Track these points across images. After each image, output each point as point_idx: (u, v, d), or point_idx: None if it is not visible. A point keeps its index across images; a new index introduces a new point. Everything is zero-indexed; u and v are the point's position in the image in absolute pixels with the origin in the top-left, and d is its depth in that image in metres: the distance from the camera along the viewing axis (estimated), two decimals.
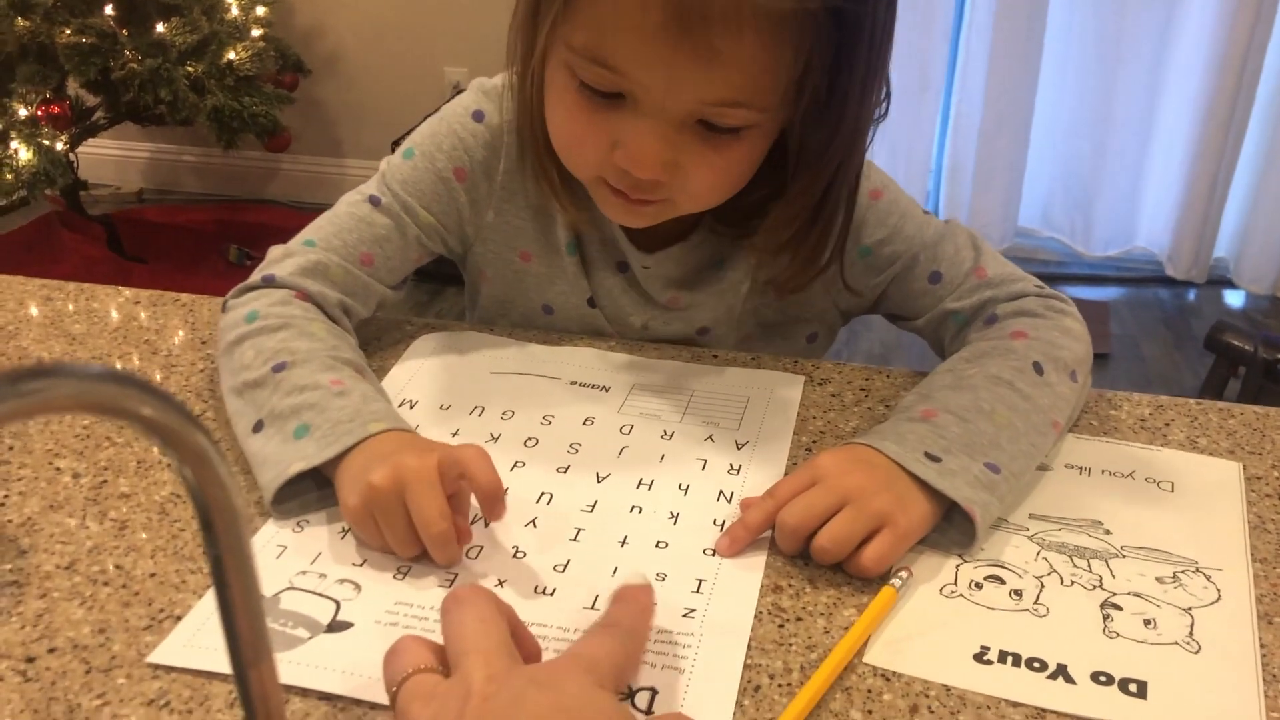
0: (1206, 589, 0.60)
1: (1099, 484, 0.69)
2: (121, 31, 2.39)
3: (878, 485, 0.62)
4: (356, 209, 0.82)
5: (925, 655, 0.56)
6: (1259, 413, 0.76)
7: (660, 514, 0.66)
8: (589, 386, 0.79)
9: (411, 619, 0.58)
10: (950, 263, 0.81)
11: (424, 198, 0.82)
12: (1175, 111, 2.68)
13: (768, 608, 0.59)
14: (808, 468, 0.65)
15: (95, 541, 0.63)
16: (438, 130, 0.83)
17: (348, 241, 0.80)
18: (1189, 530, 0.65)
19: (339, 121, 3.08)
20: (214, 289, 0.83)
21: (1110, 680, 0.55)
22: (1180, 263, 2.78)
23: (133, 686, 0.54)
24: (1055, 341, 0.74)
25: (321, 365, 0.70)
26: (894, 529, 0.61)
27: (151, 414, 0.26)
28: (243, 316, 0.75)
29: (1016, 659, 0.56)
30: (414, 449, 0.62)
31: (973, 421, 0.66)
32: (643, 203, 0.72)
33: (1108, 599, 0.60)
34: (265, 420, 0.68)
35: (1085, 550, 0.64)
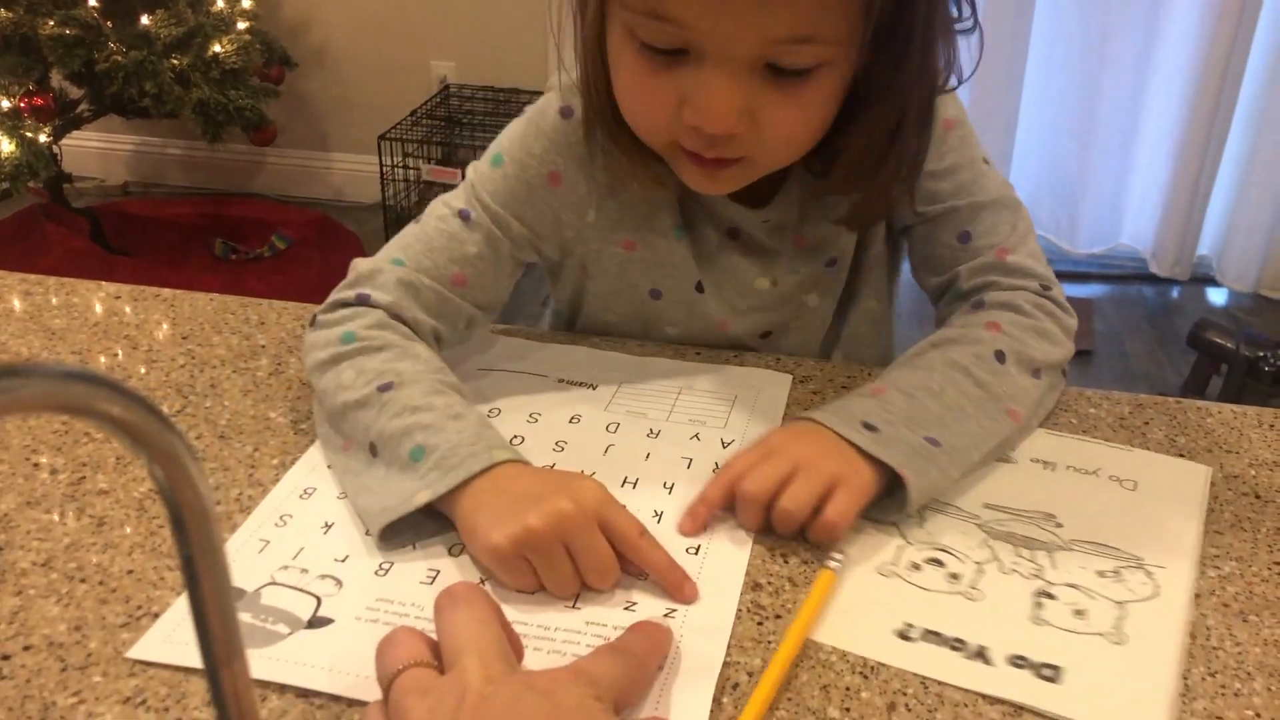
0: (1145, 585, 0.61)
1: (1061, 478, 0.70)
2: (105, 23, 2.37)
3: (825, 452, 0.64)
4: (446, 224, 0.77)
5: (848, 629, 0.57)
6: (1237, 411, 0.77)
7: (644, 512, 0.66)
8: (576, 384, 0.79)
9: (392, 615, 0.58)
10: (984, 232, 0.79)
11: (516, 207, 0.78)
12: (1160, 111, 2.69)
13: (747, 605, 0.59)
14: (759, 444, 0.66)
15: (73, 538, 0.63)
16: (526, 133, 0.79)
17: (438, 262, 0.76)
18: (1141, 528, 0.65)
19: (326, 115, 3.06)
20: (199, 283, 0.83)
21: (1026, 664, 0.56)
22: (1164, 260, 2.80)
23: (109, 684, 0.54)
24: (1025, 340, 0.74)
25: (431, 388, 0.67)
26: (848, 486, 0.63)
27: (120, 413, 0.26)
28: (338, 336, 0.71)
29: (939, 638, 0.57)
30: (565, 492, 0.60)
31: (918, 398, 0.68)
32: (721, 164, 0.69)
33: (1043, 588, 0.61)
34: (377, 444, 0.65)
35: (1031, 541, 0.64)
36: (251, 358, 0.81)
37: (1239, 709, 0.53)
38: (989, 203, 0.80)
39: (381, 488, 0.64)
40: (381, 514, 0.62)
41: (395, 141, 2.72)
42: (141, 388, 0.77)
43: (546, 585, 0.59)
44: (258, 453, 0.71)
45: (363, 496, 0.64)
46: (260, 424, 0.74)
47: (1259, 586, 0.61)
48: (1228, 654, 0.56)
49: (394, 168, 2.73)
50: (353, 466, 0.66)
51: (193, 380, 0.78)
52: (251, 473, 0.69)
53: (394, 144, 2.72)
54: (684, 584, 0.59)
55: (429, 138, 2.76)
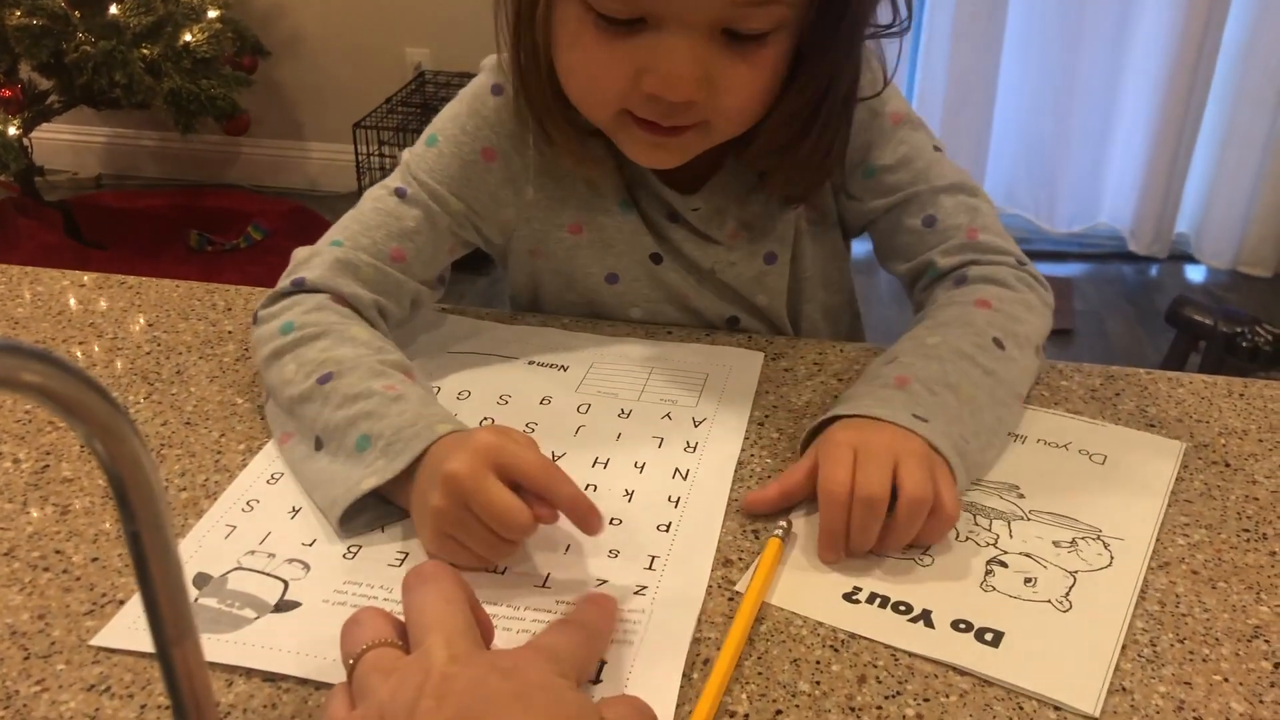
0: (1100, 555, 0.61)
1: (1030, 451, 0.70)
2: (74, 13, 2.34)
3: (903, 438, 0.62)
4: (382, 203, 0.77)
5: (796, 591, 0.58)
6: (1207, 382, 0.77)
7: (615, 491, 0.66)
8: (547, 366, 0.78)
9: (360, 598, 0.57)
10: (947, 213, 0.80)
11: (453, 183, 0.78)
12: (1136, 89, 2.69)
13: (717, 581, 0.59)
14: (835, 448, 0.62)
15: (36, 527, 0.62)
16: (459, 112, 0.79)
17: (376, 239, 0.76)
18: (1105, 501, 0.65)
19: (299, 104, 3.04)
20: (175, 275, 0.82)
21: (969, 628, 0.56)
22: (1143, 238, 2.80)
23: (72, 672, 0.53)
24: (1017, 315, 0.74)
25: (369, 372, 0.66)
26: (943, 472, 0.61)
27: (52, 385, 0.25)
28: (277, 329, 0.70)
29: (885, 601, 0.58)
30: (456, 454, 0.58)
31: (940, 394, 0.66)
32: (674, 133, 0.70)
33: (996, 556, 0.61)
34: (323, 437, 0.65)
35: (990, 510, 0.64)
36: (218, 344, 0.80)
37: (1207, 674, 0.53)
38: (947, 186, 0.80)
39: (330, 479, 0.63)
40: (332, 506, 0.62)
41: (371, 129, 2.70)
42: (107, 375, 0.77)
43: (482, 554, 0.58)
44: (224, 438, 0.70)
45: (316, 492, 0.64)
46: (227, 410, 0.73)
47: (1228, 554, 0.61)
48: (1196, 620, 0.57)
49: (370, 156, 2.71)
50: (302, 458, 0.66)
51: (159, 367, 0.77)
52: (218, 458, 0.68)
53: (369, 132, 2.70)
54: (589, 516, 0.57)
55: (405, 125, 2.74)
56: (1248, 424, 0.73)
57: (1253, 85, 2.63)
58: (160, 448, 0.69)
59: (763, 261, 0.84)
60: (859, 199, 0.83)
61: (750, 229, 0.83)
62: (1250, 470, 0.68)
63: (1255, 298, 2.67)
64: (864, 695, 0.52)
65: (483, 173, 0.79)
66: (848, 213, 0.85)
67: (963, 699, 0.52)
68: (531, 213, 0.82)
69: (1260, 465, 0.69)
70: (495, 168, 0.79)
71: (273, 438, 0.69)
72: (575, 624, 0.50)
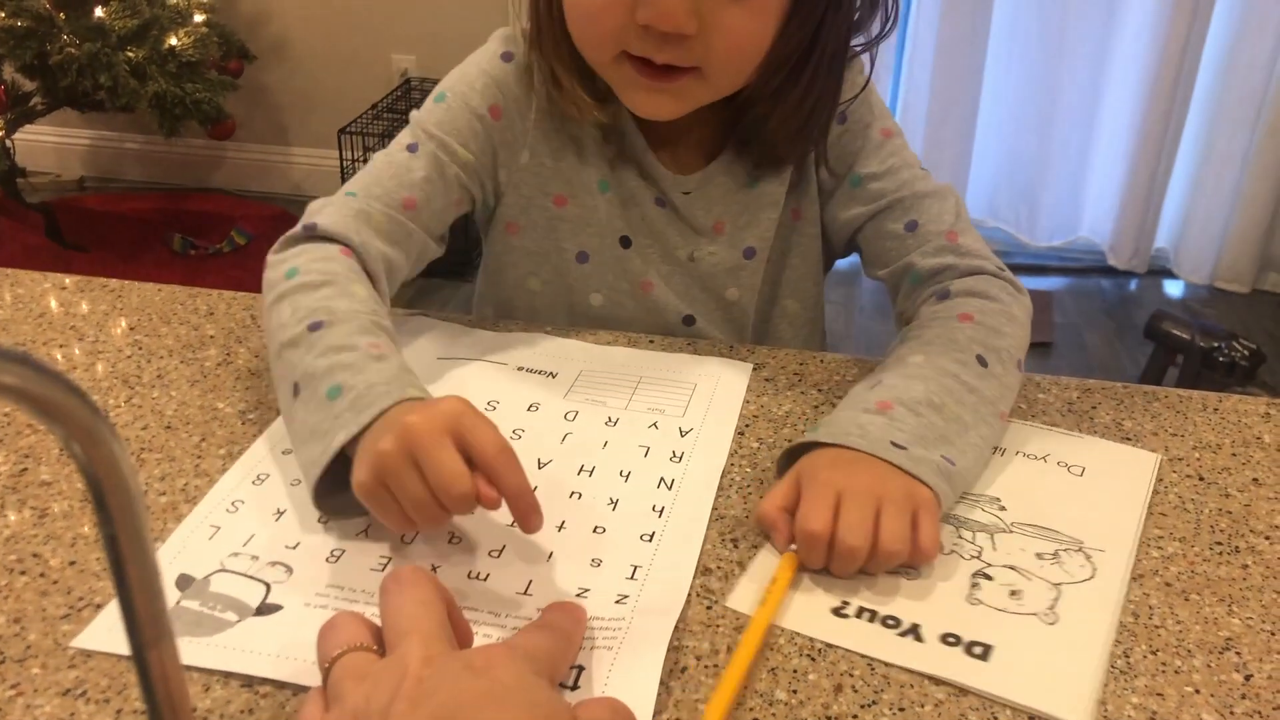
0: (1083, 567, 0.62)
1: (1010, 464, 0.70)
2: (58, 15, 2.33)
3: (883, 477, 0.62)
4: (393, 157, 0.80)
5: (788, 606, 0.58)
6: (1182, 395, 0.78)
7: (599, 500, 0.66)
8: (536, 373, 0.79)
9: (342, 602, 0.57)
10: (930, 218, 0.82)
11: (460, 135, 0.81)
12: (1117, 105, 2.72)
13: (697, 590, 0.59)
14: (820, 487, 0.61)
15: (13, 530, 0.62)
16: (468, 73, 0.83)
17: (388, 188, 0.78)
18: (1085, 513, 0.66)
19: (285, 108, 3.03)
20: (157, 279, 0.82)
21: (957, 642, 0.56)
22: (1122, 253, 2.83)
23: (48, 676, 0.53)
24: (999, 328, 0.74)
25: (360, 327, 0.67)
26: (926, 507, 0.61)
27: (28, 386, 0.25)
28: (284, 273, 0.71)
29: (873, 615, 0.58)
30: (419, 409, 0.58)
31: (924, 415, 0.66)
32: (669, 76, 0.72)
33: (981, 569, 0.61)
34: (300, 383, 0.64)
35: (973, 523, 0.65)
36: (200, 348, 0.80)
37: (1179, 685, 0.54)
38: (930, 192, 0.83)
39: (305, 433, 0.63)
40: (310, 466, 0.61)
41: (356, 135, 2.70)
42: (87, 379, 0.76)
43: (405, 509, 0.57)
44: (204, 443, 0.70)
45: (297, 450, 0.64)
46: (207, 414, 0.73)
47: (1200, 566, 0.62)
48: (1169, 632, 0.57)
49: (354, 162, 2.70)
50: (284, 409, 0.66)
51: (140, 371, 0.77)
52: (198, 463, 0.68)
53: (354, 138, 2.69)
54: (530, 514, 0.57)
55: (390, 132, 2.74)
56: (1221, 438, 0.73)
57: (1231, 103, 2.66)
58: (140, 452, 0.69)
59: (742, 255, 0.86)
60: (845, 207, 0.85)
61: (734, 223, 0.85)
62: (1223, 484, 0.69)
63: (1232, 313, 2.70)
64: (840, 704, 0.52)
65: (489, 128, 0.82)
66: (834, 222, 0.87)
67: (938, 709, 0.52)
68: (522, 178, 0.85)
69: (1233, 479, 0.69)
70: (499, 126, 0.83)
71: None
72: (546, 626, 0.51)
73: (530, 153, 0.84)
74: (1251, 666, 0.55)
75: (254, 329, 0.83)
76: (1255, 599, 0.60)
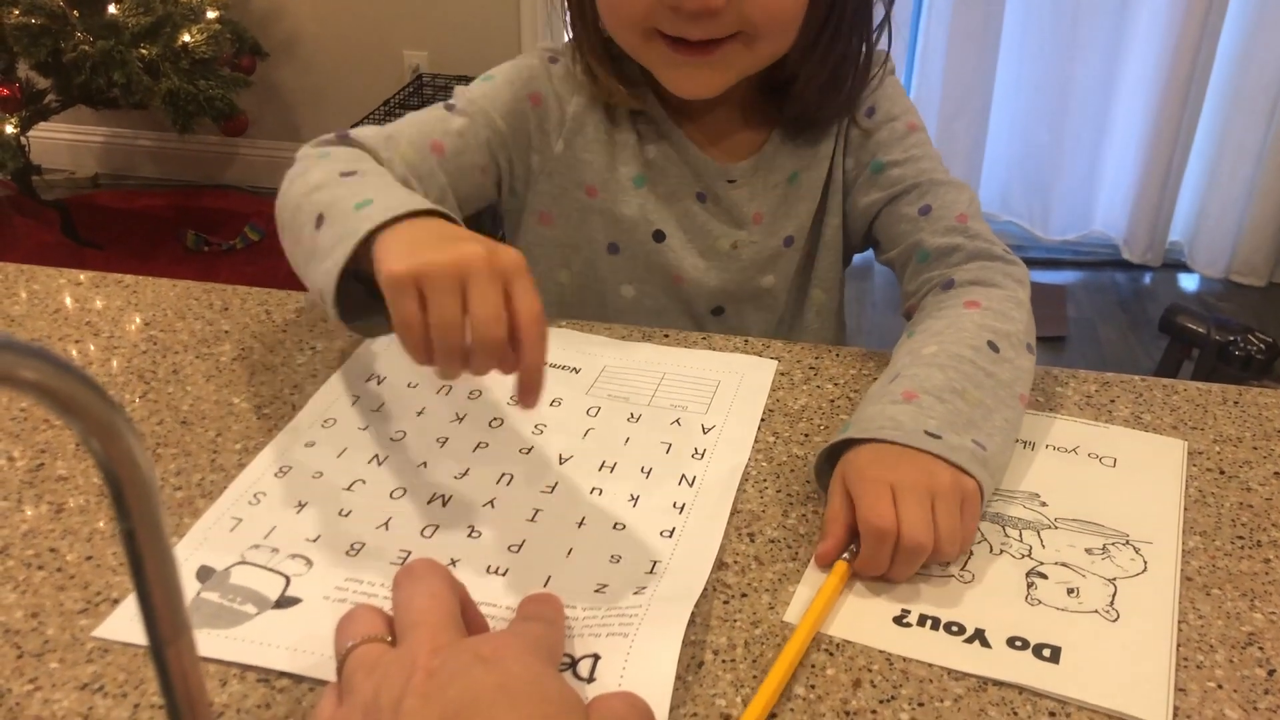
0: (1134, 560, 0.61)
1: (1042, 458, 0.70)
2: (72, 13, 2.34)
3: (930, 470, 0.61)
4: (432, 111, 0.83)
5: (846, 617, 0.57)
6: (1201, 389, 0.77)
7: (620, 496, 0.65)
8: (560, 367, 0.78)
9: (361, 595, 0.57)
10: (943, 205, 0.83)
11: (500, 108, 0.84)
12: (1131, 97, 2.70)
13: (713, 584, 0.59)
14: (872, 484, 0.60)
15: (30, 525, 0.62)
16: (516, 63, 0.86)
17: (421, 130, 0.81)
18: (1125, 504, 0.65)
19: (297, 105, 3.04)
20: (171, 275, 0.82)
21: (1025, 645, 0.55)
22: (1136, 246, 2.81)
23: (66, 671, 0.53)
24: (1006, 313, 0.74)
25: (392, 182, 0.70)
26: (971, 499, 0.61)
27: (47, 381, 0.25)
28: (316, 154, 0.74)
29: (936, 622, 0.57)
30: (482, 243, 0.55)
31: (949, 401, 0.65)
32: (707, 50, 0.73)
33: (1034, 568, 0.61)
34: (325, 213, 0.63)
35: (1018, 521, 0.64)
36: (215, 343, 0.80)
37: (1201, 680, 0.53)
38: (947, 181, 0.84)
39: (326, 243, 0.61)
40: (326, 275, 0.60)
41: None
42: (103, 374, 0.76)
43: (431, 325, 0.54)
44: (220, 438, 0.70)
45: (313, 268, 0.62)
46: (223, 409, 0.73)
47: (1222, 560, 0.61)
48: (1191, 627, 0.57)
49: None
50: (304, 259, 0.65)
51: (155, 366, 0.77)
52: (214, 458, 0.68)
53: None
54: (533, 391, 0.54)
55: None
56: (1242, 431, 0.73)
57: (1247, 95, 2.64)
58: (156, 447, 0.69)
59: (782, 244, 0.88)
60: (866, 193, 0.86)
61: (774, 213, 0.87)
62: (1244, 478, 0.68)
63: (1248, 306, 2.68)
64: (859, 699, 0.52)
65: (527, 111, 0.85)
66: (854, 209, 0.88)
67: (957, 703, 0.52)
68: (555, 167, 0.87)
69: (1254, 473, 0.69)
70: (538, 112, 0.85)
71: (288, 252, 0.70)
72: (533, 618, 0.50)
73: (565, 143, 0.86)
74: (1275, 662, 0.55)
75: (269, 324, 0.83)
76: (1278, 594, 0.59)
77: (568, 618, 0.55)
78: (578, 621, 0.55)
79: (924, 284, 0.80)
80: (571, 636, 0.54)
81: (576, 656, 0.53)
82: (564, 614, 0.53)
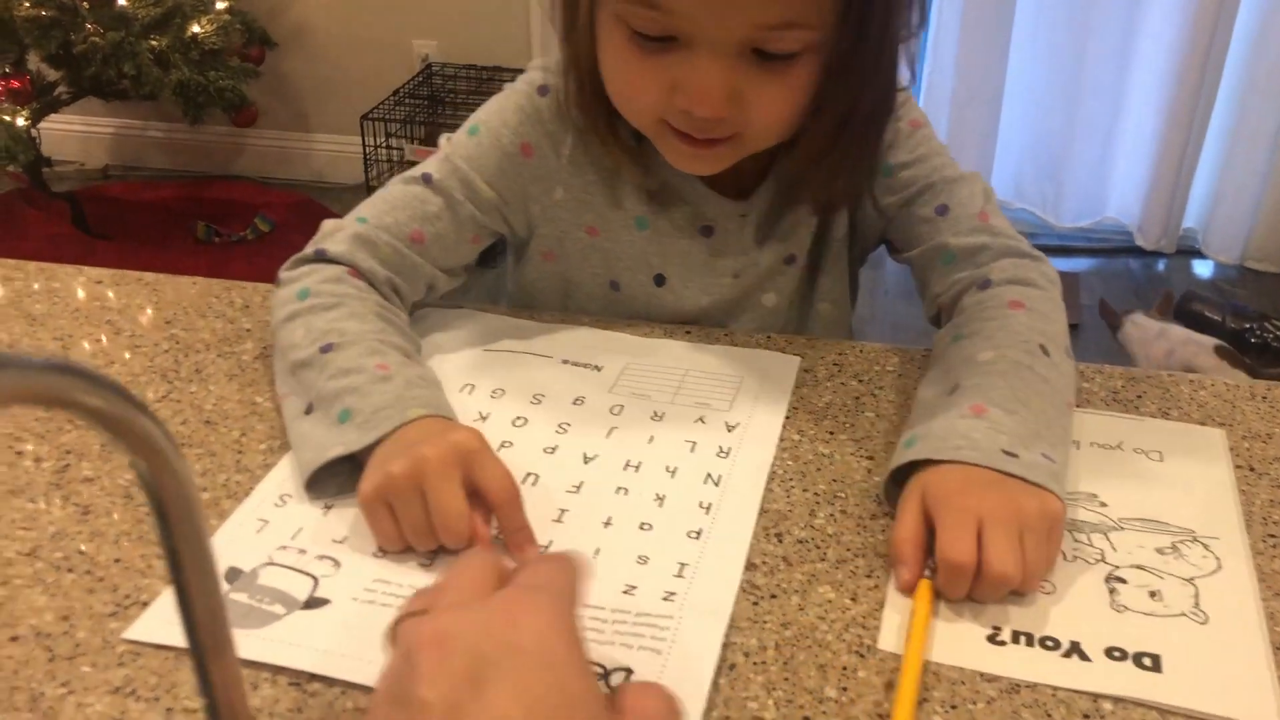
0: (1206, 558, 0.61)
1: (1090, 457, 0.69)
2: (82, 4, 2.34)
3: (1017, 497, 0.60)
4: (410, 187, 0.80)
5: (940, 640, 0.56)
6: (1229, 384, 0.77)
7: (646, 496, 0.65)
8: (581, 365, 0.78)
9: (389, 597, 0.57)
10: (959, 202, 0.81)
11: (487, 172, 0.81)
12: (1144, 83, 2.68)
13: (742, 585, 0.59)
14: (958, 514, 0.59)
15: (58, 527, 0.62)
16: (504, 106, 0.82)
17: (398, 219, 0.79)
18: (1182, 500, 0.65)
19: (306, 95, 3.03)
20: (182, 266, 0.82)
21: (1124, 655, 0.54)
22: (1150, 233, 2.80)
23: (98, 674, 0.53)
24: (1049, 315, 0.73)
25: (368, 349, 0.69)
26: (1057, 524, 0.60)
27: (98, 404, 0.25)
28: (295, 293, 0.74)
29: (1030, 639, 0.56)
30: (435, 440, 0.61)
31: (1018, 413, 0.64)
32: (710, 145, 0.72)
33: (1111, 572, 0.60)
34: (314, 403, 0.67)
35: (1085, 524, 0.63)
36: (236, 342, 0.80)
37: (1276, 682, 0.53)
38: (959, 177, 0.83)
39: (307, 443, 0.66)
40: (304, 468, 0.65)
41: (378, 121, 2.69)
42: (125, 374, 0.76)
43: (404, 532, 0.60)
44: (244, 438, 0.70)
45: (296, 452, 0.67)
46: (246, 409, 0.73)
47: (1254, 559, 0.61)
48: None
49: (377, 148, 2.70)
50: (293, 418, 0.69)
51: (177, 365, 0.77)
52: (239, 458, 0.68)
53: (377, 124, 2.69)
54: (525, 548, 0.60)
55: (412, 117, 2.73)
56: (1271, 427, 0.72)
57: (1262, 79, 2.61)
58: (180, 447, 0.69)
59: (782, 261, 0.86)
60: (877, 198, 0.84)
61: (778, 232, 0.85)
62: (1275, 475, 0.68)
63: (1263, 293, 2.67)
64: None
65: (519, 166, 0.82)
66: (865, 216, 0.86)
67: (990, 706, 0.52)
68: (557, 212, 0.84)
69: None
70: (531, 163, 0.82)
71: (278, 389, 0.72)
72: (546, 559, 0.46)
73: (564, 188, 0.83)
74: None
75: None
76: None
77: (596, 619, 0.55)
78: (607, 625, 0.55)
79: (954, 285, 0.79)
80: (601, 642, 0.54)
81: (609, 668, 0.53)
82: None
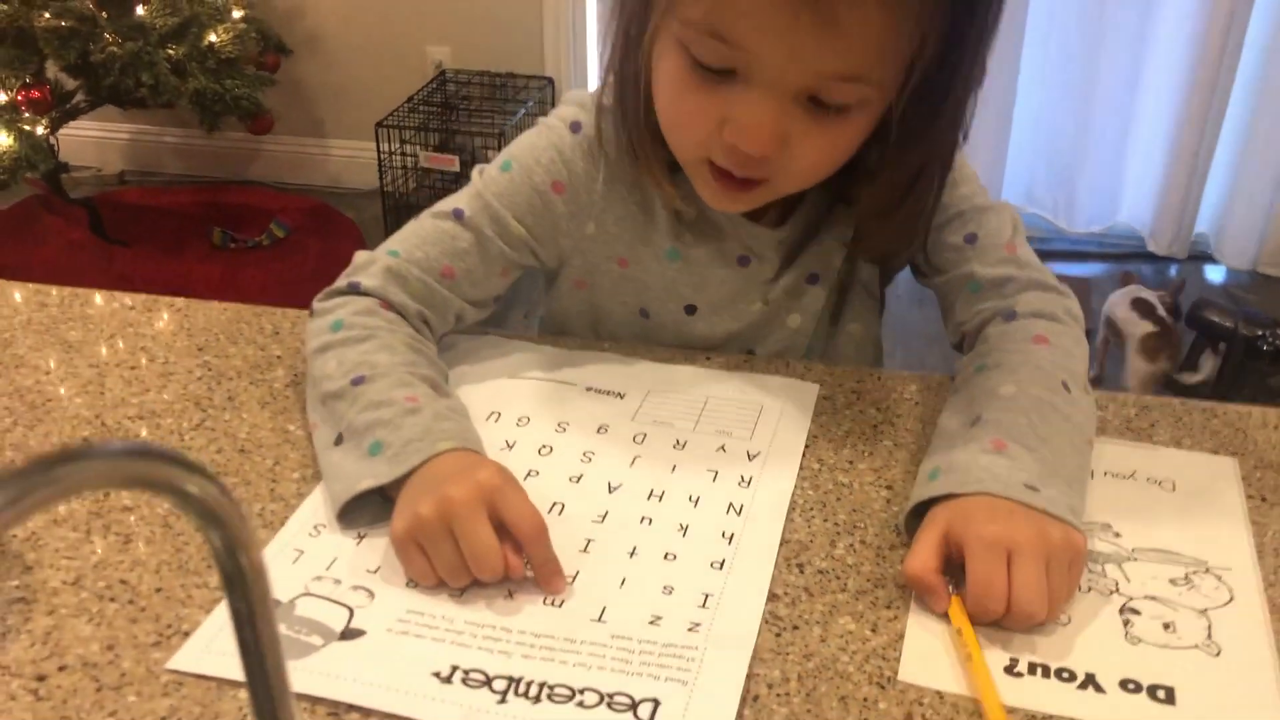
0: (1219, 589, 0.62)
1: (1104, 486, 0.70)
2: (101, 14, 2.36)
3: (1043, 530, 0.61)
4: (441, 222, 0.82)
5: (958, 671, 0.57)
6: (1241, 412, 0.78)
7: (670, 526, 0.67)
8: (604, 393, 0.79)
9: (423, 627, 0.59)
10: (989, 232, 0.82)
11: (518, 209, 0.82)
12: (1157, 88, 2.69)
13: (765, 616, 0.60)
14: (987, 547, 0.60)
15: (100, 556, 0.64)
16: (536, 144, 0.83)
17: (429, 254, 0.80)
18: (1194, 530, 0.66)
19: (321, 101, 3.05)
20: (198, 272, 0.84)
21: (1139, 688, 0.56)
22: (1162, 238, 2.80)
23: (143, 704, 0.55)
24: (1071, 351, 0.75)
25: (398, 381, 0.71)
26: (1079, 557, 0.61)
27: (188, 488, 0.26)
28: (329, 325, 0.76)
29: (1046, 670, 0.57)
30: (460, 479, 0.63)
31: (1038, 450, 0.66)
32: (745, 186, 0.73)
33: (1126, 604, 0.61)
34: (345, 434, 0.69)
35: (1099, 555, 0.65)
36: (268, 369, 0.82)
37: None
38: (989, 206, 0.83)
39: (339, 474, 0.68)
40: (334, 500, 0.67)
41: (392, 128, 2.71)
42: (159, 403, 0.78)
43: (438, 571, 0.62)
44: (279, 466, 0.72)
45: (327, 483, 0.69)
46: (280, 437, 0.75)
47: (1268, 590, 0.62)
48: None
49: (391, 154, 2.72)
50: (323, 448, 0.71)
51: (210, 393, 0.79)
52: (273, 487, 0.70)
53: (391, 130, 2.71)
54: (554, 580, 0.62)
55: (426, 124, 2.75)
56: None
57: (1275, 84, 2.62)
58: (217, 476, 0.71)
59: (804, 280, 0.87)
60: None
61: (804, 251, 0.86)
62: None
63: (1276, 299, 2.67)
64: None
65: (550, 203, 0.83)
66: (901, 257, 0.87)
67: None
68: (588, 246, 0.85)
69: None
70: (562, 200, 0.83)
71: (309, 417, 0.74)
72: None
73: (595, 223, 0.84)
74: None
75: None
76: None
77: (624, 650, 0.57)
78: (634, 656, 0.57)
79: (978, 314, 0.80)
80: (629, 673, 0.56)
81: (636, 699, 0.54)
82: None
